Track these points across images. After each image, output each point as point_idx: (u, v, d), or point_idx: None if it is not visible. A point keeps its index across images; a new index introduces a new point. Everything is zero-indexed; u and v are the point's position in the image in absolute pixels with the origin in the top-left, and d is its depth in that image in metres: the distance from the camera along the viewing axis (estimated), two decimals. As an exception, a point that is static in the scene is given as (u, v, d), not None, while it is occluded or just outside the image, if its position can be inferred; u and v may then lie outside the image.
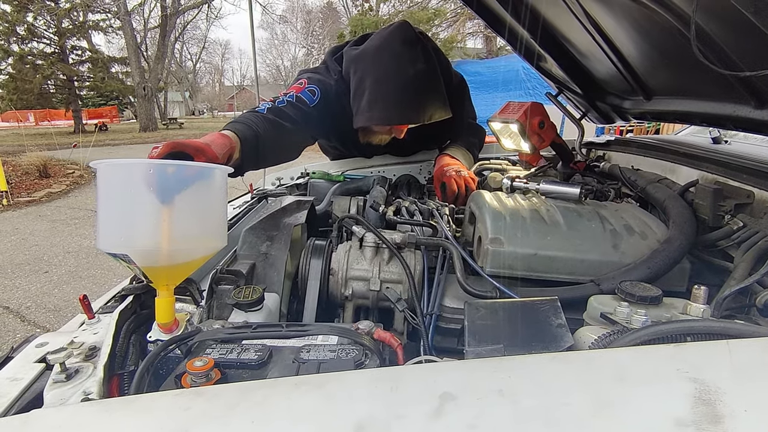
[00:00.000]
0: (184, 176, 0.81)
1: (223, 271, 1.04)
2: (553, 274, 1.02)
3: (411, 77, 1.38)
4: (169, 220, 0.78)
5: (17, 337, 3.52)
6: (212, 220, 0.85)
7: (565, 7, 1.31)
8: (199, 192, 0.83)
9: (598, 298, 0.84)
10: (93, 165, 0.79)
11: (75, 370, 0.69)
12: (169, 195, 0.77)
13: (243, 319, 0.92)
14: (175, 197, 0.78)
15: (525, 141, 1.48)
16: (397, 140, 1.70)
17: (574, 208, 1.15)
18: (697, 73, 1.14)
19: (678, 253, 0.98)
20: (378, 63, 1.42)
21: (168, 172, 0.79)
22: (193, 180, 0.83)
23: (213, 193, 0.85)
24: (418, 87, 1.40)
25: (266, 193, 1.73)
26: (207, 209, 0.85)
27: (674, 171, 1.36)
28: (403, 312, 0.97)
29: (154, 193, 0.77)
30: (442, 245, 1.11)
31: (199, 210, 0.83)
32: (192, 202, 0.82)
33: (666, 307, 0.79)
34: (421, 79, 1.39)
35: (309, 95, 1.61)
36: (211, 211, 0.85)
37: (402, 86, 1.40)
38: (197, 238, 0.83)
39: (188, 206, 0.81)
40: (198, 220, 0.83)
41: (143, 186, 0.77)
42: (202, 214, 0.84)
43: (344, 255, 1.09)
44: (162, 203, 0.77)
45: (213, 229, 0.85)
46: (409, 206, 1.33)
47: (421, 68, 1.39)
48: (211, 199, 0.85)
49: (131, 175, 0.78)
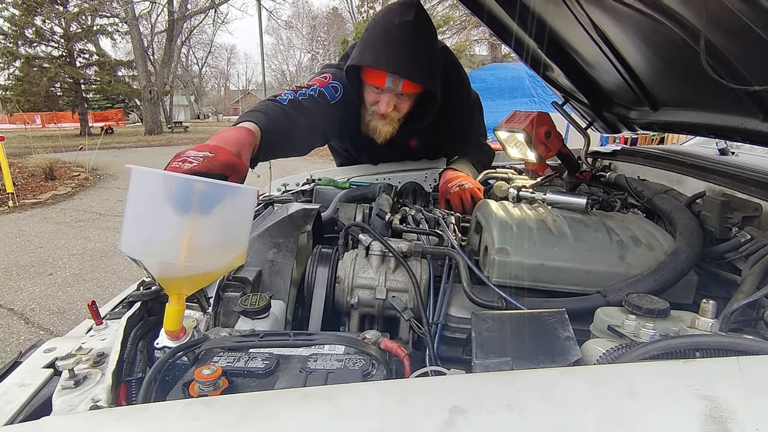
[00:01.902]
0: (213, 194, 0.79)
1: (230, 278, 1.04)
2: (560, 285, 1.02)
3: (394, 26, 1.39)
4: (192, 236, 0.76)
5: (21, 339, 3.54)
6: (236, 238, 0.83)
7: (572, 17, 1.32)
8: (226, 211, 0.82)
9: (605, 310, 0.84)
10: (128, 167, 0.77)
11: (83, 376, 0.70)
12: (195, 211, 0.76)
13: (249, 327, 0.92)
14: (201, 214, 0.77)
15: (531, 150, 1.48)
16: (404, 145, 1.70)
17: (580, 219, 1.15)
18: (704, 86, 1.14)
19: (685, 265, 0.98)
20: (375, 17, 1.49)
21: (197, 189, 0.78)
22: (222, 199, 0.82)
23: (240, 213, 0.84)
24: (397, 37, 1.40)
25: (272, 199, 1.73)
26: (232, 228, 0.83)
27: (681, 182, 1.35)
28: (409, 321, 0.97)
29: (179, 207, 0.76)
30: (449, 254, 1.11)
31: (223, 228, 0.82)
32: (217, 220, 0.80)
33: (673, 320, 0.79)
34: (405, 32, 1.39)
35: (331, 91, 1.60)
36: (235, 230, 0.83)
37: (382, 32, 1.42)
38: (218, 254, 0.82)
39: (213, 224, 0.80)
40: (221, 237, 0.82)
41: (169, 199, 0.77)
42: (227, 232, 0.82)
43: (350, 263, 1.10)
44: (186, 218, 0.76)
45: (235, 247, 0.84)
46: (416, 214, 1.33)
47: (407, 21, 1.38)
48: (237, 218, 0.84)
49: (160, 186, 0.77)
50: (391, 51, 1.40)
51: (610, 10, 1.16)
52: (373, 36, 1.44)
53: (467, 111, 1.83)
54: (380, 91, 1.49)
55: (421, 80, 1.45)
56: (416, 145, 1.87)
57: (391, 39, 1.41)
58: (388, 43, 1.41)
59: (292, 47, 55.50)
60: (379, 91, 1.50)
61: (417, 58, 1.42)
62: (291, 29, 50.09)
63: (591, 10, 1.22)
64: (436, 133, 1.78)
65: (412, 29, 1.40)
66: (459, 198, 1.49)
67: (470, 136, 1.88)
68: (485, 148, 1.95)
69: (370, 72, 1.47)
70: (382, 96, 1.50)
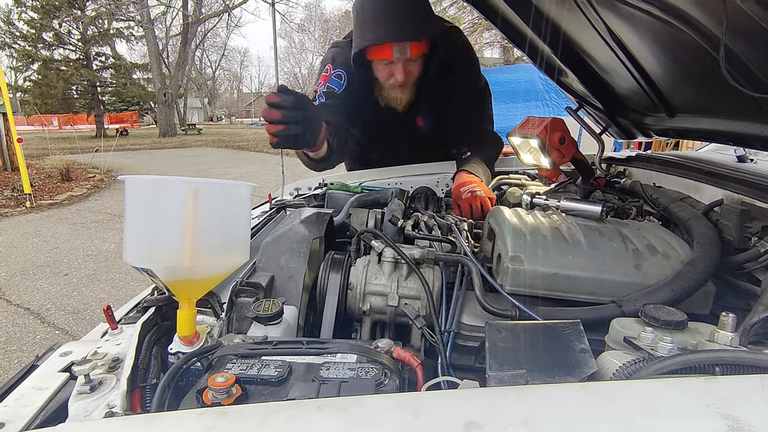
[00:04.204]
0: (207, 193, 0.82)
1: (243, 283, 1.05)
2: (574, 294, 1.01)
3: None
4: (193, 237, 0.78)
5: (37, 338, 3.59)
6: (236, 236, 0.86)
7: (587, 22, 1.31)
8: (224, 209, 0.84)
9: (621, 321, 0.83)
10: (121, 179, 0.80)
11: (99, 381, 0.70)
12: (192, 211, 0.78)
13: (262, 333, 0.92)
14: (200, 214, 0.79)
15: (545, 156, 1.47)
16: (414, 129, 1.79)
17: (595, 227, 1.14)
18: (723, 92, 1.12)
19: (703, 275, 0.96)
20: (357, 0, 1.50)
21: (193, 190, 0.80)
22: (218, 196, 0.84)
23: (237, 210, 0.86)
24: (388, 7, 1.43)
25: (285, 203, 1.74)
26: (231, 226, 0.85)
27: (698, 190, 1.33)
28: (422, 329, 0.96)
29: (177, 210, 0.78)
30: (461, 261, 1.10)
31: (223, 227, 0.84)
32: (216, 219, 0.83)
33: (691, 333, 0.78)
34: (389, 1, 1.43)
35: (336, 81, 1.67)
36: (235, 228, 0.86)
37: (371, 8, 1.45)
38: (220, 254, 0.84)
39: (212, 223, 0.82)
40: (222, 236, 0.84)
41: (167, 202, 0.79)
42: (226, 230, 0.84)
43: (363, 270, 1.09)
44: (186, 220, 0.78)
45: (236, 245, 0.86)
46: (428, 221, 1.33)
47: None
48: (236, 215, 0.86)
49: (154, 192, 0.80)
50: (387, 21, 1.43)
51: (626, 16, 1.15)
52: (365, 14, 1.47)
53: (476, 95, 1.84)
54: (390, 62, 1.52)
55: (425, 34, 1.47)
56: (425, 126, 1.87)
57: (383, 10, 1.43)
58: (382, 15, 1.44)
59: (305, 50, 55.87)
60: (388, 62, 1.52)
61: (412, 17, 1.45)
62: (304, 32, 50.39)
63: (606, 15, 1.21)
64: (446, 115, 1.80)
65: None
66: (469, 205, 1.48)
67: (480, 122, 1.88)
68: (496, 140, 1.94)
69: (375, 50, 1.49)
70: (394, 67, 1.53)
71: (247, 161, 14.24)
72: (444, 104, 1.75)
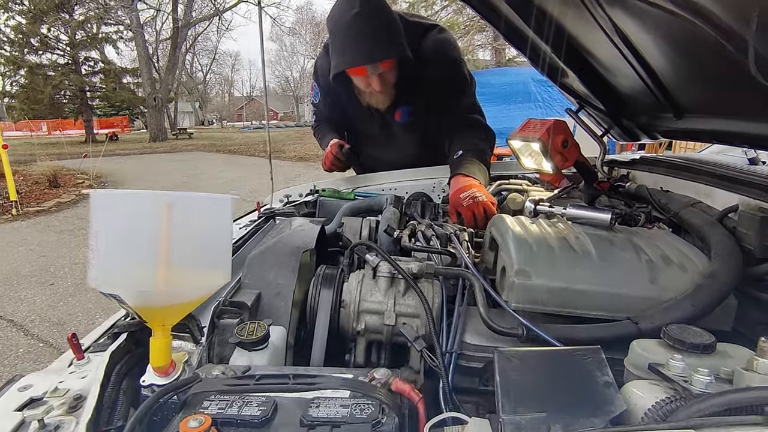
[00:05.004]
0: (184, 207, 0.73)
1: (226, 303, 0.96)
2: (585, 311, 0.93)
3: (351, 22, 1.51)
4: (168, 257, 0.70)
5: (20, 352, 3.47)
6: (216, 255, 0.78)
7: (591, 20, 1.24)
8: (203, 225, 0.76)
9: (642, 343, 0.75)
10: (85, 192, 0.71)
11: (56, 426, 0.62)
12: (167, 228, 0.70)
13: (246, 360, 0.84)
14: (176, 231, 0.70)
15: (547, 161, 1.40)
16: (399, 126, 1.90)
17: (605, 236, 1.07)
18: (740, 92, 1.05)
19: (725, 288, 0.89)
20: (330, 19, 1.62)
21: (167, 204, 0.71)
22: (195, 211, 0.76)
23: (218, 226, 0.78)
24: (357, 31, 1.52)
25: (274, 212, 1.66)
26: (211, 243, 0.77)
27: (709, 194, 1.26)
28: (421, 352, 0.88)
29: (150, 226, 0.69)
30: (463, 275, 1.02)
31: (202, 244, 0.76)
32: (194, 237, 0.74)
33: (721, 357, 0.70)
34: (361, 23, 1.51)
35: (316, 92, 1.95)
36: (215, 246, 0.77)
37: (343, 34, 1.56)
38: (199, 275, 0.76)
39: (190, 241, 0.73)
40: (201, 255, 0.76)
41: (139, 219, 0.70)
42: (206, 248, 0.76)
43: (356, 286, 1.01)
44: (159, 238, 0.69)
45: (217, 264, 0.77)
46: (425, 230, 1.25)
47: (357, 13, 1.49)
48: (216, 232, 0.78)
49: (126, 207, 0.71)
50: (357, 46, 1.55)
51: (635, 12, 1.08)
52: (337, 41, 1.61)
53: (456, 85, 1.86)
54: (366, 77, 1.64)
55: (394, 54, 1.59)
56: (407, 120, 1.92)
57: (354, 35, 1.54)
58: (352, 40, 1.55)
59: (296, 53, 55.62)
60: (365, 78, 1.65)
61: (381, 38, 1.54)
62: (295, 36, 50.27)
63: (613, 11, 1.14)
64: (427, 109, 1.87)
65: (365, 17, 1.50)
66: (471, 212, 1.40)
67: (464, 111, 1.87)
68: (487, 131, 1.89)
69: (351, 70, 1.62)
70: (370, 80, 1.64)
71: (239, 165, 14.07)
72: (424, 98, 1.83)
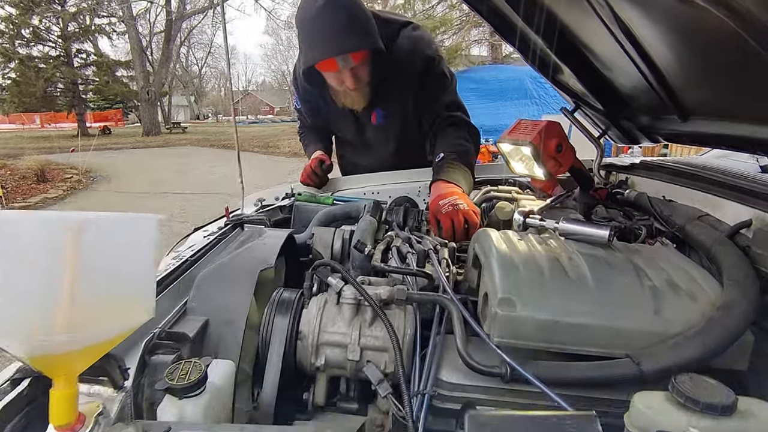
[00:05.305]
0: (97, 233, 0.59)
1: (162, 334, 0.83)
2: (578, 347, 0.80)
3: (317, 16, 1.49)
4: (71, 293, 0.56)
5: (-9, 357, 3.31)
6: (135, 286, 0.64)
7: (590, 11, 1.10)
8: (119, 252, 0.62)
9: (646, 398, 0.62)
10: None
11: None
12: (71, 259, 0.56)
13: (176, 409, 0.70)
14: (84, 261, 0.57)
15: (539, 166, 1.27)
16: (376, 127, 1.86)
17: (602, 257, 0.94)
18: (761, 93, 0.92)
19: (741, 323, 0.77)
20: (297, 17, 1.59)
21: (73, 230, 0.57)
22: (112, 237, 0.62)
23: (137, 252, 0.64)
24: (324, 24, 1.50)
25: (242, 219, 1.52)
26: (129, 273, 0.63)
27: (716, 206, 1.14)
28: (387, 397, 0.75)
29: (49, 259, 0.55)
30: (439, 302, 0.89)
31: (117, 275, 0.62)
32: (108, 266, 0.60)
33: (743, 418, 0.58)
34: (327, 15, 1.48)
35: (296, 97, 2.00)
36: (133, 276, 0.64)
37: (311, 27, 1.54)
38: (113, 311, 0.62)
39: (102, 272, 0.59)
40: (116, 288, 0.62)
41: (32, 249, 0.56)
42: (122, 279, 0.62)
43: (317, 314, 0.88)
44: (58, 271, 0.55)
45: (134, 299, 0.64)
46: (401, 246, 1.11)
47: (322, 5, 1.46)
48: (135, 259, 0.64)
49: (13, 234, 0.57)
50: (326, 38, 1.51)
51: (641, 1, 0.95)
52: (306, 34, 1.58)
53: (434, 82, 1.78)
54: (338, 73, 1.59)
55: (365, 45, 1.54)
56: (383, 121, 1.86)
57: (321, 28, 1.51)
58: (319, 33, 1.52)
59: (292, 47, 55.06)
60: (337, 74, 1.59)
61: (350, 29, 1.50)
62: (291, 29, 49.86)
63: (616, 2, 1.01)
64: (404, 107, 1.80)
65: (331, 8, 1.47)
66: (450, 220, 1.27)
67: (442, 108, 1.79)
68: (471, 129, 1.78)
69: (322, 64, 1.57)
70: (342, 76, 1.59)
71: (233, 160, 13.85)
72: (401, 99, 1.78)
